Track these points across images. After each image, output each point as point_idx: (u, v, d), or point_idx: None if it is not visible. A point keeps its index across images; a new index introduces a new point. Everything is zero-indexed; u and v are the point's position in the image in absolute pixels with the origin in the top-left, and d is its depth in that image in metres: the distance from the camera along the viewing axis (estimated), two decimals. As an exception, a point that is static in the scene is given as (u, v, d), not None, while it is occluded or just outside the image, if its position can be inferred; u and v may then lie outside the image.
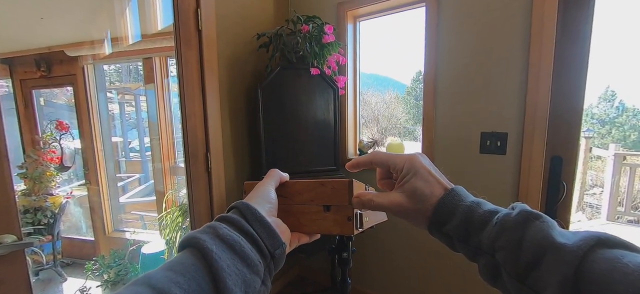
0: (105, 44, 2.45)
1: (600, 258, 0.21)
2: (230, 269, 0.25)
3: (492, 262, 0.28)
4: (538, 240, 0.24)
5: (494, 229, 0.27)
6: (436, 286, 1.60)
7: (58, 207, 2.45)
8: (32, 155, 2.42)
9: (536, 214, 0.26)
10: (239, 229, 0.29)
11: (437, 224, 0.31)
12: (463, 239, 0.30)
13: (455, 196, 0.31)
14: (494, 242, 0.27)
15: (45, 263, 2.35)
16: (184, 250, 0.26)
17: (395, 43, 2.03)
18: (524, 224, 0.26)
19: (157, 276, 0.22)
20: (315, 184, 0.37)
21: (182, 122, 1.31)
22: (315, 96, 1.52)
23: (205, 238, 0.26)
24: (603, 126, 8.34)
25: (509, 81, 1.29)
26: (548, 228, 0.25)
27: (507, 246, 0.26)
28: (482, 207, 0.30)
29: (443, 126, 1.47)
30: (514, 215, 0.27)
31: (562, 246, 0.23)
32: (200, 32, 1.28)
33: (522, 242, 0.25)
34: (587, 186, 4.67)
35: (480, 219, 0.29)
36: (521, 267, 0.25)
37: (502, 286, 0.28)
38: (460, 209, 0.30)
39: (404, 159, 0.33)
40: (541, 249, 0.24)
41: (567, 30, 1.19)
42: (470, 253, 0.30)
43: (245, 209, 0.30)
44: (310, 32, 1.39)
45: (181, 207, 2.15)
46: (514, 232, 0.26)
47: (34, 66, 2.56)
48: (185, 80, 1.28)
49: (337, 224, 0.36)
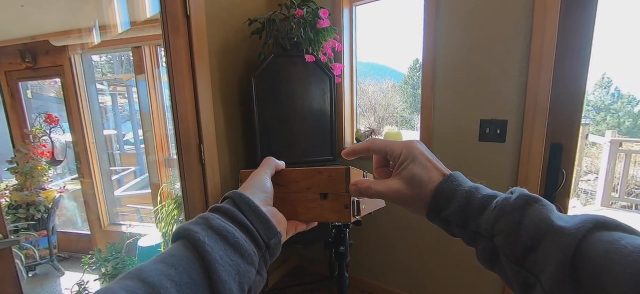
0: (93, 32, 2.36)
1: (598, 240, 0.21)
2: (224, 260, 0.25)
3: (490, 246, 0.28)
4: (536, 223, 0.24)
5: (492, 213, 0.27)
6: (433, 276, 1.61)
7: (51, 202, 2.41)
8: (21, 149, 2.37)
9: (535, 198, 0.26)
10: (232, 219, 0.28)
11: (436, 209, 0.31)
12: (462, 224, 0.30)
13: (454, 181, 0.31)
14: (493, 226, 0.27)
15: (39, 258, 2.33)
16: (177, 242, 0.26)
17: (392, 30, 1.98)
18: (522, 208, 0.26)
19: (149, 269, 0.22)
20: (312, 172, 0.37)
21: (172, 113, 1.26)
22: (310, 84, 1.47)
23: (197, 229, 0.26)
24: (598, 112, 8.39)
25: (510, 67, 1.26)
26: (547, 211, 0.25)
27: (506, 229, 0.26)
28: (481, 192, 0.30)
29: (441, 114, 1.44)
30: (513, 199, 0.27)
31: (561, 228, 0.23)
32: (189, 18, 1.22)
33: (521, 225, 0.25)
34: (582, 173, 4.72)
35: (478, 204, 0.29)
36: (519, 250, 0.25)
37: (499, 270, 0.28)
38: (459, 194, 0.30)
39: (402, 146, 0.33)
40: (540, 232, 0.24)
41: (570, 15, 1.15)
42: (469, 237, 0.30)
43: (238, 199, 0.30)
44: (305, 17, 1.34)
45: (176, 200, 2.12)
46: (513, 215, 0.26)
47: (19, 57, 2.47)
48: (175, 69, 1.22)
49: (334, 212, 0.36)
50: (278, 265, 2.01)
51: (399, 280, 1.74)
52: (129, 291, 0.20)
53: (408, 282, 1.71)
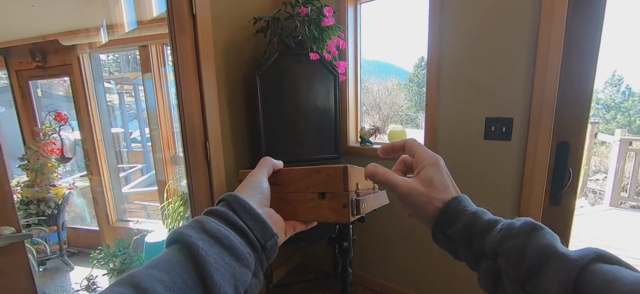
0: (100, 32, 2.40)
1: (599, 270, 0.22)
2: (218, 263, 0.24)
3: (493, 266, 0.28)
4: (542, 248, 0.25)
5: (497, 234, 0.28)
6: (437, 274, 1.60)
7: (61, 198, 2.46)
8: (32, 147, 2.42)
9: (540, 225, 0.27)
10: (226, 221, 0.28)
11: (442, 226, 0.32)
12: (466, 243, 0.31)
13: (461, 202, 0.32)
14: (497, 246, 0.28)
15: (49, 253, 2.38)
16: (170, 247, 0.26)
17: (397, 28, 1.96)
18: (528, 233, 0.27)
19: (141, 274, 0.22)
20: (310, 171, 0.37)
21: (178, 111, 1.28)
22: (315, 82, 1.48)
23: (191, 233, 0.25)
24: (608, 111, 8.22)
25: (516, 64, 1.24)
26: (552, 238, 0.26)
27: (511, 251, 0.27)
28: (486, 215, 0.31)
29: (446, 111, 1.43)
30: (519, 224, 0.28)
31: (564, 255, 0.24)
32: (195, 17, 1.23)
33: (526, 249, 0.26)
34: (590, 172, 4.64)
35: (483, 225, 0.30)
36: (523, 272, 0.25)
37: (501, 292, 0.28)
38: (465, 214, 0.31)
39: (431, 154, 0.35)
40: (544, 256, 0.25)
41: (579, 11, 1.14)
42: (472, 257, 0.31)
43: (233, 201, 0.30)
44: (309, 15, 1.34)
45: (182, 197, 2.15)
46: (518, 239, 0.27)
47: (29, 56, 2.52)
48: (181, 67, 1.24)
49: (333, 212, 0.35)
50: (282, 262, 2.03)
51: (402, 278, 1.74)
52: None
53: (411, 280, 1.71)
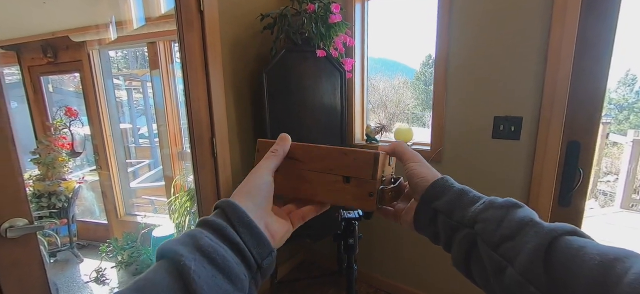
0: (110, 28, 2.43)
1: (573, 240, 0.24)
2: (211, 288, 0.22)
3: (469, 234, 0.30)
4: (520, 218, 0.27)
5: (480, 205, 0.30)
6: (442, 273, 1.60)
7: (71, 192, 2.52)
8: (44, 141, 2.47)
9: (521, 204, 0.29)
10: (222, 237, 0.26)
11: (428, 200, 0.34)
12: (448, 213, 0.32)
13: (448, 180, 0.34)
14: (478, 215, 0.29)
15: (60, 245, 2.44)
16: (160, 262, 0.24)
17: (404, 25, 1.95)
18: (509, 208, 0.29)
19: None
20: (336, 152, 0.34)
21: (186, 107, 1.29)
22: (321, 79, 1.47)
23: (183, 251, 0.23)
24: (620, 111, 8.02)
25: (526, 62, 1.22)
26: (531, 213, 0.28)
27: (490, 218, 0.28)
28: (472, 192, 0.33)
29: (454, 110, 1.42)
30: (501, 200, 0.30)
31: (540, 224, 0.26)
32: (202, 13, 1.24)
33: (504, 219, 0.28)
34: (601, 173, 4.54)
35: (468, 199, 0.32)
36: (497, 237, 0.27)
37: (474, 262, 0.30)
38: (452, 191, 0.33)
39: (414, 153, 0.38)
40: (521, 224, 0.26)
41: (593, 7, 1.11)
42: (450, 228, 0.32)
43: (231, 212, 0.27)
44: (316, 11, 1.34)
45: (189, 192, 2.18)
46: (499, 210, 0.29)
47: (41, 52, 2.57)
48: (189, 63, 1.25)
49: (357, 199, 0.33)
50: (286, 258, 2.04)
51: (407, 276, 1.73)
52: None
53: (416, 278, 1.70)
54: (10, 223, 0.79)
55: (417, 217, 0.35)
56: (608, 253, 0.21)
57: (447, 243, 0.32)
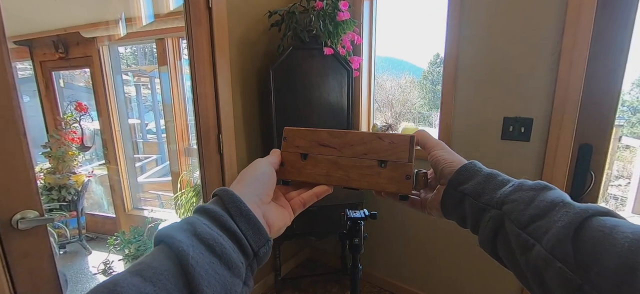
0: (119, 25, 2.46)
1: (604, 219, 0.23)
2: (208, 274, 0.23)
3: (497, 215, 0.29)
4: (551, 199, 0.26)
5: (509, 188, 0.30)
6: (446, 276, 1.58)
7: (81, 185, 2.57)
8: (54, 135, 2.52)
9: (552, 186, 0.29)
10: (220, 225, 0.26)
11: (455, 183, 0.33)
12: (475, 196, 0.32)
13: (477, 165, 0.34)
14: (506, 197, 0.29)
15: (70, 237, 2.49)
16: (159, 247, 0.24)
17: (413, 24, 1.92)
18: (540, 189, 0.28)
19: (124, 282, 0.20)
20: (370, 136, 0.35)
21: (193, 104, 1.30)
22: (328, 77, 1.47)
23: (182, 237, 0.23)
24: (634, 113, 7.82)
25: (538, 62, 1.20)
26: (562, 194, 0.27)
27: (518, 199, 0.28)
28: (500, 176, 0.33)
29: (462, 110, 1.40)
30: (532, 182, 0.29)
31: (571, 204, 0.25)
32: (211, 10, 1.24)
33: (534, 200, 0.27)
34: (613, 177, 4.43)
35: (497, 183, 0.31)
36: (526, 217, 0.26)
37: (500, 240, 0.29)
38: (480, 174, 0.33)
39: (437, 141, 0.38)
40: (551, 204, 0.26)
41: (609, 7, 1.08)
42: (477, 210, 0.31)
43: (228, 199, 0.28)
44: (324, 9, 1.33)
45: (195, 188, 2.20)
46: (529, 192, 0.28)
47: (53, 48, 2.62)
48: (196, 60, 1.26)
49: (393, 182, 0.33)
50: (291, 255, 2.05)
51: (411, 277, 1.72)
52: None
53: (420, 280, 1.69)
54: (22, 215, 0.81)
55: (444, 202, 0.34)
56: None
57: (474, 225, 0.32)
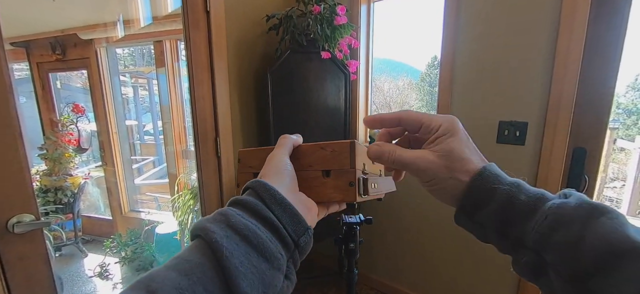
0: (117, 26, 2.46)
1: None
2: (245, 267, 0.21)
3: (537, 260, 0.23)
4: (609, 241, 0.19)
5: (545, 222, 0.22)
6: (443, 279, 1.59)
7: (77, 187, 2.55)
8: (51, 137, 2.51)
9: (602, 208, 0.21)
10: (255, 214, 0.24)
11: (470, 208, 0.26)
12: (500, 230, 0.25)
13: (491, 175, 0.26)
14: (546, 239, 0.22)
15: (65, 239, 2.48)
16: (194, 242, 0.23)
17: (410, 26, 1.94)
18: (587, 220, 0.21)
19: (159, 278, 0.20)
20: (314, 147, 0.34)
21: (191, 106, 1.30)
22: (325, 80, 1.48)
23: (215, 229, 0.22)
24: (629, 116, 7.88)
25: (533, 67, 1.21)
26: (621, 226, 0.20)
27: (562, 245, 0.21)
28: (525, 192, 0.24)
29: (458, 113, 1.41)
30: (572, 206, 0.22)
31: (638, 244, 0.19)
32: (209, 14, 1.25)
33: (585, 239, 0.20)
34: (608, 179, 4.47)
35: (523, 207, 0.24)
36: (581, 271, 0.20)
37: (544, 285, 0.24)
38: (499, 193, 0.25)
39: (442, 119, 0.28)
40: (614, 252, 0.19)
41: (603, 9, 1.09)
42: (507, 246, 0.25)
43: (261, 189, 0.26)
44: (322, 13, 1.34)
45: (192, 191, 2.19)
46: (572, 227, 0.21)
47: (50, 49, 2.61)
48: (194, 63, 1.26)
49: (338, 191, 0.31)
50: (288, 258, 2.05)
51: (408, 280, 1.73)
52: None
53: (417, 282, 1.69)
54: (18, 219, 0.81)
55: (457, 218, 0.29)
56: None
57: (503, 251, 0.26)
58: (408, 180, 0.35)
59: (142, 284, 0.20)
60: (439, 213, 1.53)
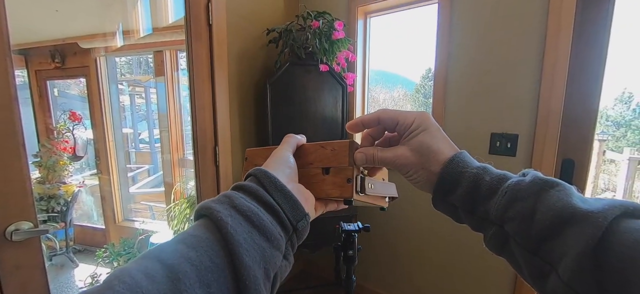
0: (117, 36, 2.49)
1: (626, 229, 0.19)
2: (248, 243, 0.23)
3: (500, 232, 0.26)
4: (556, 210, 0.22)
5: (503, 199, 0.25)
6: (440, 287, 1.60)
7: (71, 196, 2.52)
8: (46, 144, 2.49)
9: (552, 182, 0.24)
10: (256, 198, 0.26)
11: (441, 193, 0.30)
12: (469, 209, 0.28)
13: (460, 162, 0.29)
14: (504, 212, 0.25)
15: (59, 248, 2.43)
16: (199, 220, 0.25)
17: (405, 40, 2.01)
18: (537, 193, 0.24)
19: (168, 249, 0.21)
20: (315, 146, 0.36)
21: (191, 116, 1.32)
22: (323, 92, 1.51)
23: (220, 208, 0.24)
24: (618, 128, 8.06)
25: (522, 81, 1.26)
26: (567, 196, 0.22)
27: (518, 216, 0.24)
28: (489, 174, 0.28)
29: (452, 125, 1.45)
30: (527, 183, 0.25)
31: (584, 214, 0.21)
32: (211, 27, 1.28)
33: (536, 212, 0.23)
34: (599, 190, 4.55)
35: (487, 187, 0.27)
36: (533, 238, 0.23)
37: (509, 256, 0.26)
38: (466, 177, 0.28)
39: (415, 115, 0.32)
40: (559, 219, 0.22)
41: (585, 30, 1.16)
42: (476, 223, 0.28)
43: (263, 176, 0.28)
44: (320, 28, 1.38)
45: (189, 200, 2.19)
46: (527, 202, 0.24)
47: (49, 57, 2.62)
48: (195, 74, 1.29)
49: (336, 187, 0.34)
50: (285, 268, 2.03)
51: (404, 289, 1.73)
52: (146, 273, 0.19)
53: (415, 292, 1.70)
54: (16, 226, 0.81)
55: (436, 206, 0.32)
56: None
57: (474, 229, 0.29)
58: (405, 192, 0.38)
59: (152, 255, 0.21)
60: (435, 222, 1.55)
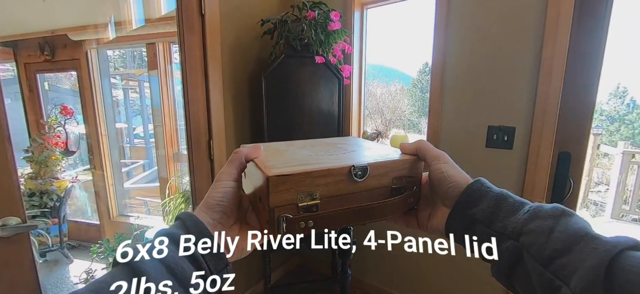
0: (109, 28, 2.43)
1: (637, 256, 0.21)
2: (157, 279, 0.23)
3: (513, 246, 0.27)
4: (572, 230, 0.24)
5: (524, 215, 0.27)
6: (437, 284, 1.61)
7: (63, 191, 2.48)
8: (37, 139, 2.44)
9: (571, 212, 0.26)
10: (177, 246, 0.26)
11: (463, 205, 0.31)
12: (487, 222, 0.30)
13: (485, 184, 0.32)
14: (523, 226, 0.27)
15: (51, 245, 2.40)
16: (116, 269, 0.24)
17: (402, 33, 1.99)
18: (557, 217, 0.26)
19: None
20: (260, 165, 0.30)
21: (184, 109, 1.30)
22: (319, 85, 1.49)
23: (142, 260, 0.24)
24: (612, 122, 8.16)
25: (520, 74, 1.25)
26: (583, 222, 0.25)
27: (536, 230, 0.26)
28: (512, 197, 0.30)
29: (449, 118, 1.44)
30: (548, 207, 0.27)
31: (599, 237, 0.23)
32: (203, 17, 1.25)
33: (554, 230, 0.25)
34: (593, 184, 4.61)
35: (509, 207, 0.29)
36: (548, 251, 0.24)
37: (518, 276, 0.27)
38: (490, 195, 0.31)
39: (440, 151, 0.36)
40: (574, 237, 0.24)
41: (584, 23, 1.15)
42: (488, 236, 0.30)
43: (191, 224, 0.28)
44: (316, 18, 1.36)
45: (184, 194, 2.17)
46: (547, 221, 0.26)
47: (38, 50, 2.55)
48: (188, 66, 1.26)
49: (265, 222, 0.29)
50: (281, 263, 2.03)
51: (401, 283, 1.74)
52: None
53: (410, 286, 1.71)
54: (3, 222, 0.79)
55: (450, 225, 0.33)
56: None
57: (486, 251, 0.30)
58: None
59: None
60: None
